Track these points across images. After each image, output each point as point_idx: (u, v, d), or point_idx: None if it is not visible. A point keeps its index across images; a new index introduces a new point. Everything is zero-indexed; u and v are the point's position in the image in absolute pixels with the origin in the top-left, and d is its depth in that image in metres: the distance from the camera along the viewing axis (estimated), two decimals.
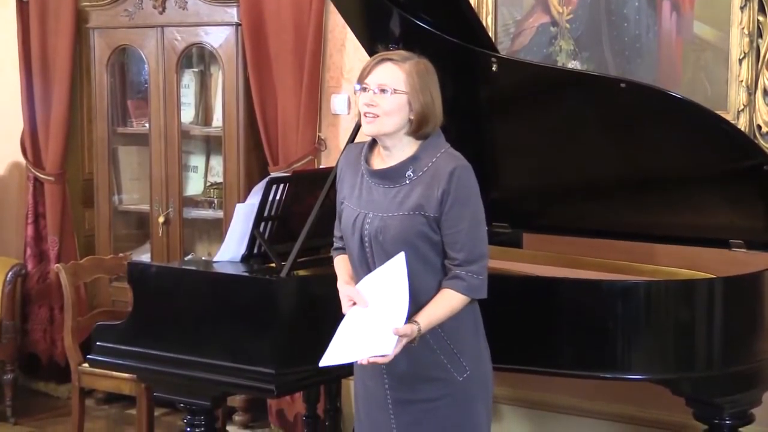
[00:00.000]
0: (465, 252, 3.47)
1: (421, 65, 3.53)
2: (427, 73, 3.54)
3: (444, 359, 3.54)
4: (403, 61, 3.50)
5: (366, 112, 3.51)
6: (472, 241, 3.48)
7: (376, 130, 3.52)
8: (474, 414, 3.61)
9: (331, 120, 6.07)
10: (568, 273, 4.54)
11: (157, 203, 6.47)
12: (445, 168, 3.47)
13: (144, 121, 6.64)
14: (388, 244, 3.48)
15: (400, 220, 3.49)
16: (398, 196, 3.52)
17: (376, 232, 3.51)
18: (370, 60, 3.57)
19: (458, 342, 3.56)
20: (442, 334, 3.53)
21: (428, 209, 3.46)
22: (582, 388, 5.33)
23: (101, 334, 4.64)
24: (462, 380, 3.56)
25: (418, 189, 3.49)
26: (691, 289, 4.16)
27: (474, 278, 3.49)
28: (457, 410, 3.57)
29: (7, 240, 7.28)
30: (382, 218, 3.51)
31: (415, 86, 3.48)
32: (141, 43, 6.48)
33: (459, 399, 3.57)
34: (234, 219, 4.62)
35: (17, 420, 6.52)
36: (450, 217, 3.46)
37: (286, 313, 4.22)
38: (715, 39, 5.07)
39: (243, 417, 6.33)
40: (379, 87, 3.48)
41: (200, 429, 4.55)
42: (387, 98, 3.47)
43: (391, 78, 3.48)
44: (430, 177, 3.49)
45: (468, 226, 3.47)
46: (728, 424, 4.29)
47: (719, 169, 4.24)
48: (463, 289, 3.48)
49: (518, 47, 5.52)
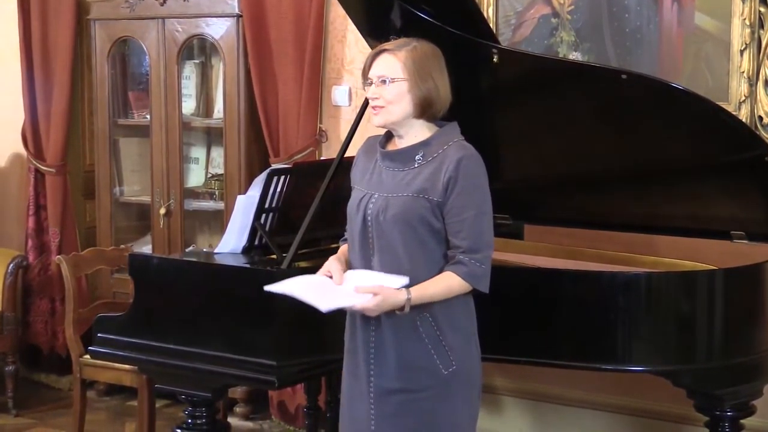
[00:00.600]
0: (469, 241, 3.48)
1: (418, 51, 3.56)
2: (426, 56, 3.57)
3: (432, 349, 3.54)
4: (398, 49, 3.56)
5: (373, 106, 3.57)
6: (477, 230, 3.50)
7: (383, 120, 3.58)
8: (454, 411, 3.60)
9: (332, 111, 6.07)
10: (570, 264, 4.54)
11: (158, 195, 6.47)
12: (454, 156, 3.51)
13: (145, 113, 6.64)
14: (389, 223, 3.51)
15: (403, 201, 3.51)
16: (405, 179, 3.55)
17: (378, 212, 3.54)
18: (369, 54, 3.63)
19: (448, 335, 3.56)
20: (433, 324, 3.54)
21: (432, 194, 3.49)
22: (583, 380, 5.33)
23: (102, 325, 4.64)
24: (446, 374, 3.55)
25: (424, 173, 3.53)
26: (692, 280, 4.16)
27: (476, 266, 3.49)
28: (437, 405, 3.56)
29: (8, 232, 7.28)
30: (385, 198, 3.55)
31: (413, 71, 3.52)
32: (142, 35, 6.47)
33: (441, 394, 3.55)
34: (235, 211, 4.62)
35: (18, 412, 6.52)
36: (455, 205, 3.48)
37: (287, 304, 4.20)
38: (716, 30, 5.06)
39: (244, 409, 6.33)
40: (379, 78, 3.55)
41: (201, 421, 4.55)
42: (387, 88, 3.53)
43: (388, 68, 3.54)
44: (439, 162, 3.52)
45: (473, 216, 3.49)
46: (729, 415, 4.29)
47: (720, 160, 4.23)
48: (463, 274, 3.49)
49: (519, 38, 5.52)
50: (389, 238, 3.52)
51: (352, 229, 3.66)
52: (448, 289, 3.51)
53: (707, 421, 4.36)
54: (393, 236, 3.51)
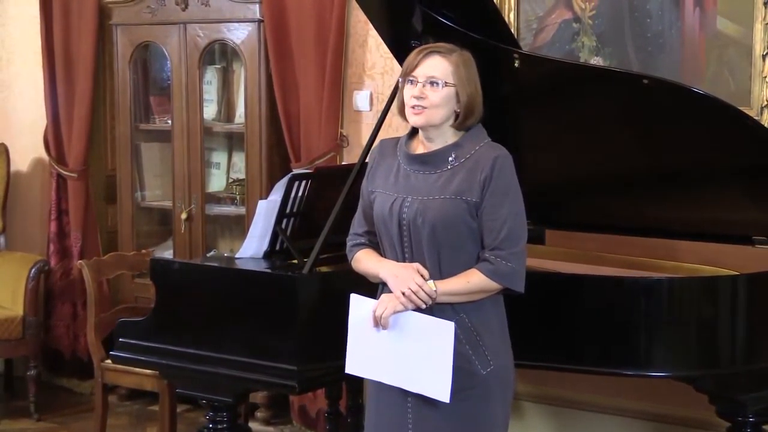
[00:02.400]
0: (500, 238, 3.49)
1: (466, 56, 3.58)
2: (471, 64, 3.59)
3: (470, 350, 3.54)
4: (449, 53, 3.55)
5: (414, 105, 3.54)
6: (509, 229, 3.50)
7: (424, 121, 3.56)
8: (491, 413, 3.60)
9: (353, 116, 6.07)
10: (591, 269, 4.53)
11: (179, 200, 6.49)
12: (489, 155, 3.52)
13: (166, 118, 6.66)
14: (428, 227, 3.50)
15: (441, 203, 3.51)
16: (439, 181, 3.55)
17: (416, 215, 3.52)
18: (417, 52, 3.59)
19: (485, 336, 3.56)
20: (470, 325, 3.54)
21: (470, 194, 3.49)
22: (604, 385, 5.31)
23: (124, 330, 4.65)
24: (485, 374, 3.55)
25: (460, 174, 3.52)
26: (714, 285, 4.14)
27: (502, 264, 3.49)
28: (475, 406, 3.55)
29: (30, 236, 7.30)
30: (422, 201, 3.53)
31: (462, 78, 3.53)
32: (164, 40, 6.49)
33: (479, 395, 3.55)
34: (256, 215, 4.63)
35: (40, 416, 6.54)
36: (490, 203, 3.48)
37: (309, 309, 4.22)
38: (738, 35, 5.05)
39: (265, 413, 6.34)
40: (428, 79, 3.52)
41: (222, 425, 4.56)
42: (437, 91, 3.51)
43: (441, 70, 3.53)
44: (474, 163, 3.52)
45: (507, 214, 3.50)
46: (752, 421, 4.27)
47: (742, 164, 4.21)
48: (487, 272, 3.50)
49: (540, 43, 5.51)
50: (427, 241, 3.51)
51: (385, 234, 3.63)
52: (469, 284, 3.50)
53: (729, 426, 4.34)
54: (431, 240, 3.51)
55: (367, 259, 3.72)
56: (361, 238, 3.76)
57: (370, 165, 3.77)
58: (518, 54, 4.30)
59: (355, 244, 3.79)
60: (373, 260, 3.69)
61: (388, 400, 3.67)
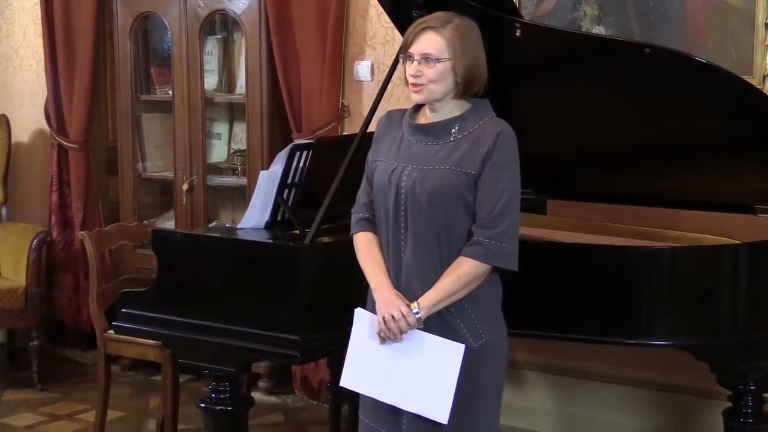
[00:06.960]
0: (494, 214, 3.46)
1: (462, 28, 3.55)
2: (468, 34, 3.56)
3: (461, 323, 3.53)
4: (443, 27, 3.52)
5: (413, 83, 3.54)
6: (504, 205, 3.47)
7: (424, 97, 3.56)
8: (483, 384, 3.58)
9: (354, 86, 6.06)
10: (593, 239, 4.53)
11: (180, 170, 6.49)
12: (493, 129, 3.51)
13: (167, 89, 6.65)
14: (425, 196, 3.48)
15: (441, 173, 3.49)
16: (441, 152, 3.53)
17: (414, 184, 3.51)
18: (411, 29, 3.58)
19: (476, 309, 3.55)
20: (462, 301, 3.53)
21: (470, 167, 3.47)
22: (606, 354, 5.33)
23: (126, 300, 4.65)
24: (476, 347, 3.52)
25: (462, 146, 3.51)
26: (716, 254, 4.14)
27: (494, 244, 3.47)
28: (467, 378, 3.51)
29: (32, 207, 7.31)
30: (421, 170, 3.52)
31: (457, 50, 3.51)
32: (164, 10, 6.48)
33: (470, 367, 3.51)
34: (257, 186, 4.62)
35: (43, 386, 6.56)
36: (488, 176, 3.47)
37: (310, 279, 4.22)
38: (740, 3, 5.04)
39: (267, 383, 6.36)
40: (422, 56, 3.51)
41: (225, 395, 4.56)
42: (432, 68, 3.50)
43: (433, 46, 3.50)
44: (477, 136, 3.51)
45: (503, 190, 3.47)
46: (752, 389, 4.29)
47: (744, 134, 4.21)
48: (478, 255, 3.47)
49: (542, 13, 5.50)
50: (424, 211, 3.49)
51: (383, 203, 3.61)
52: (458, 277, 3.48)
53: (730, 395, 4.35)
54: (428, 209, 3.49)
55: (365, 256, 3.69)
56: (363, 210, 3.74)
57: (376, 135, 3.76)
58: (519, 23, 4.28)
59: (359, 219, 3.76)
60: (370, 264, 3.66)
61: None
